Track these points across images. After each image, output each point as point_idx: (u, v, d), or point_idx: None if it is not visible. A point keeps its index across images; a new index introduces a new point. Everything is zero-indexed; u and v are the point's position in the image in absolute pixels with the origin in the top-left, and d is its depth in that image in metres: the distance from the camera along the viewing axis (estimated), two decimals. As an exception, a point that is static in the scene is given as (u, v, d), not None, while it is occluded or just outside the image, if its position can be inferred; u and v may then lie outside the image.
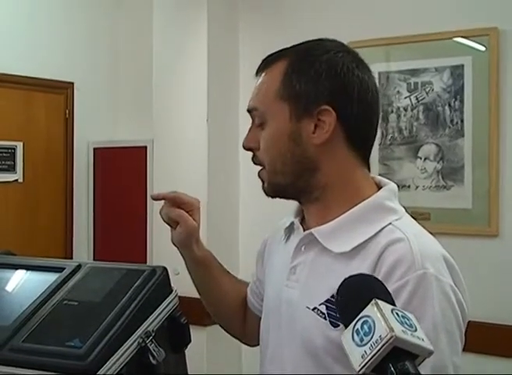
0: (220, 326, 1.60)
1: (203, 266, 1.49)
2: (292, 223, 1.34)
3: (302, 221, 1.33)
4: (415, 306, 1.08)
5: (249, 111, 1.31)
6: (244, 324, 1.56)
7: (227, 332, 1.61)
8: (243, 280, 1.62)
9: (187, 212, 1.41)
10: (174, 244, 1.46)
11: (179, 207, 1.41)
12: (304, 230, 1.29)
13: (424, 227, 1.27)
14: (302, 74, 1.24)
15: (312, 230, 1.25)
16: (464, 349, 1.18)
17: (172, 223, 1.43)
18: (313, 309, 1.19)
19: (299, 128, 1.23)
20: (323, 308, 1.17)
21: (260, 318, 1.42)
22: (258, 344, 1.44)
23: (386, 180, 1.31)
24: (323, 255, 1.23)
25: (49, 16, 4.19)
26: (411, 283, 1.11)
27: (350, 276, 0.95)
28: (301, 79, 1.24)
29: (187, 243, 1.44)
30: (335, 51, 1.26)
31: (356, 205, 1.23)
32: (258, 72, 1.31)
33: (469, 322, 1.20)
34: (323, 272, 1.20)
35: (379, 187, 1.29)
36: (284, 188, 1.28)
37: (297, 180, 1.26)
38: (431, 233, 1.25)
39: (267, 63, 1.30)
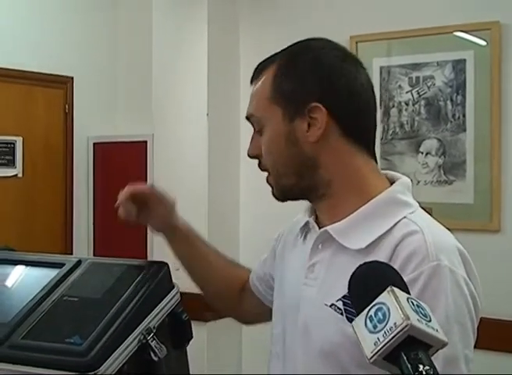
0: (209, 302, 1.63)
1: (189, 241, 1.55)
2: (307, 222, 1.33)
3: (316, 219, 1.33)
4: (428, 298, 1.08)
5: (247, 118, 1.33)
6: (240, 304, 1.60)
7: (218, 309, 1.65)
8: (236, 262, 1.66)
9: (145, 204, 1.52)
10: (156, 230, 1.55)
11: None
12: (320, 228, 1.28)
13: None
14: (289, 75, 1.26)
15: (327, 228, 1.25)
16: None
17: (141, 220, 1.52)
18: (330, 306, 1.19)
19: (293, 128, 1.25)
20: (340, 304, 1.17)
21: (261, 302, 1.51)
22: (251, 323, 1.59)
23: (399, 175, 1.31)
24: (340, 253, 1.23)
25: (48, 10, 4.17)
26: (425, 275, 1.11)
27: (365, 263, 0.95)
28: (288, 80, 1.26)
29: (170, 220, 1.52)
30: (319, 49, 1.29)
31: (368, 200, 1.23)
32: (252, 80, 1.33)
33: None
34: (341, 269, 1.19)
35: (392, 182, 1.29)
36: (290, 189, 1.29)
37: (301, 180, 1.27)
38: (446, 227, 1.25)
39: (259, 71, 1.32)
